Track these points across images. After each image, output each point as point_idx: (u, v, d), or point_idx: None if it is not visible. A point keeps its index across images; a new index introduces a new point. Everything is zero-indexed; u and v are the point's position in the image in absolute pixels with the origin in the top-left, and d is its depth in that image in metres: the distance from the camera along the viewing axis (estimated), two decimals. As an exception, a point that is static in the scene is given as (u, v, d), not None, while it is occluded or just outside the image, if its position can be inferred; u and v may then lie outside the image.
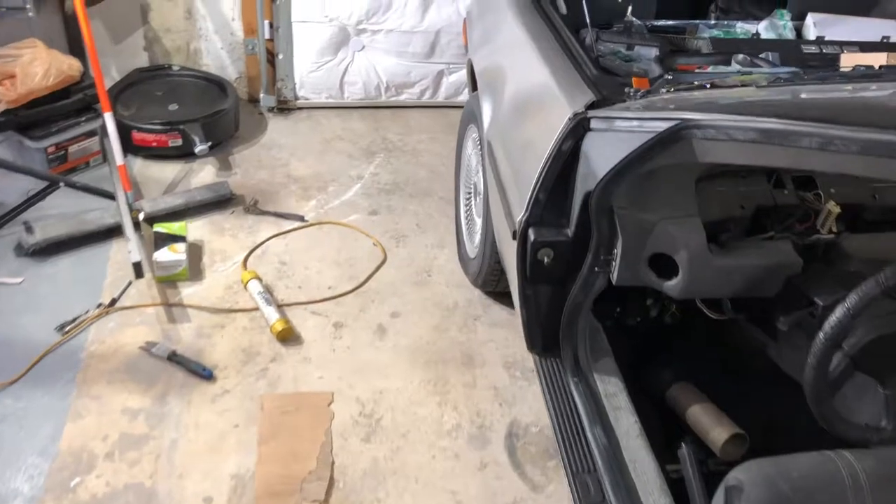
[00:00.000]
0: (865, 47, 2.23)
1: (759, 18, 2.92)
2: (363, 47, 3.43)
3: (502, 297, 2.57)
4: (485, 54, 2.45)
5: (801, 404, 1.35)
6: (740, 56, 2.09)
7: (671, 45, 2.67)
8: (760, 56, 2.11)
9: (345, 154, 3.40)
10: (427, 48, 3.47)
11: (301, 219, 2.90)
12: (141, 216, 2.64)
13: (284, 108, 3.60)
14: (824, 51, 2.24)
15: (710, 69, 2.02)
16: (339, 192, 3.12)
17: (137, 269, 2.27)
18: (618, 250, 1.57)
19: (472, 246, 2.61)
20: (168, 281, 2.50)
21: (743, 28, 2.93)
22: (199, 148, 2.95)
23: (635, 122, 1.50)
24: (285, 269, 2.66)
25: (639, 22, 2.80)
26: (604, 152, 1.56)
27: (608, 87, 1.70)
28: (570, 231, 1.70)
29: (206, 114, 3.11)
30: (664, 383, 1.86)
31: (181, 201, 2.76)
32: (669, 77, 1.78)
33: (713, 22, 2.98)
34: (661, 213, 1.53)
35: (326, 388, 2.20)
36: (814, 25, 2.80)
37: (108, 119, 2.55)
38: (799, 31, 2.82)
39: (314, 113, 3.66)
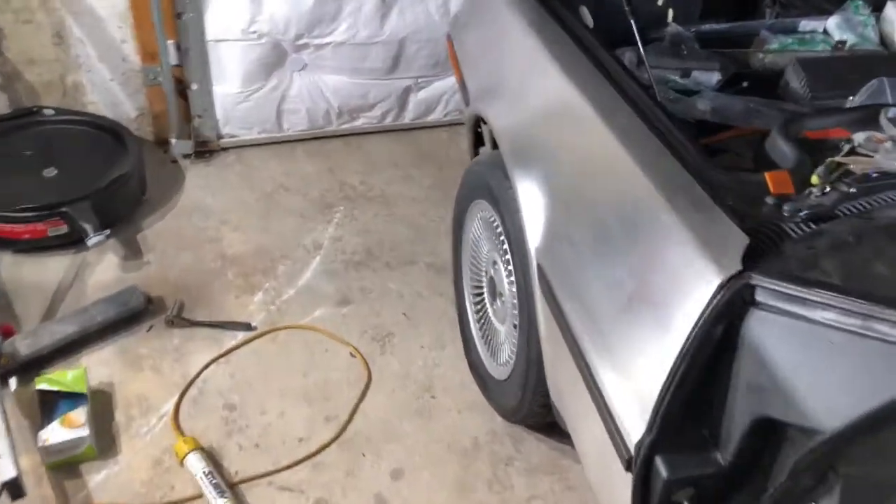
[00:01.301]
0: None
1: (826, 12, 2.32)
2: (304, 66, 2.68)
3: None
4: (508, 105, 1.76)
5: None
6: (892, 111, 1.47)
7: (736, 64, 2.05)
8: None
9: (294, 212, 2.67)
10: (389, 62, 2.75)
11: (247, 327, 2.19)
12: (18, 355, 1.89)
13: (205, 150, 2.83)
14: None
15: (859, 136, 1.39)
16: (294, 275, 2.41)
17: (14, 491, 1.51)
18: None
19: (495, 362, 1.96)
20: (66, 465, 1.77)
21: (809, 27, 2.33)
22: (93, 240, 2.19)
23: (851, 318, 0.88)
24: (235, 417, 1.96)
25: (685, 31, 2.15)
26: (800, 360, 0.94)
27: (739, 196, 1.10)
28: (723, 457, 1.09)
29: (98, 186, 2.32)
30: None
31: (74, 328, 2.01)
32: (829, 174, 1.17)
33: (769, 21, 2.36)
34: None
35: None
36: (901, 19, 2.20)
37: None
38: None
39: (245, 154, 2.89)
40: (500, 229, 1.80)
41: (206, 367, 2.07)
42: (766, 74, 2.03)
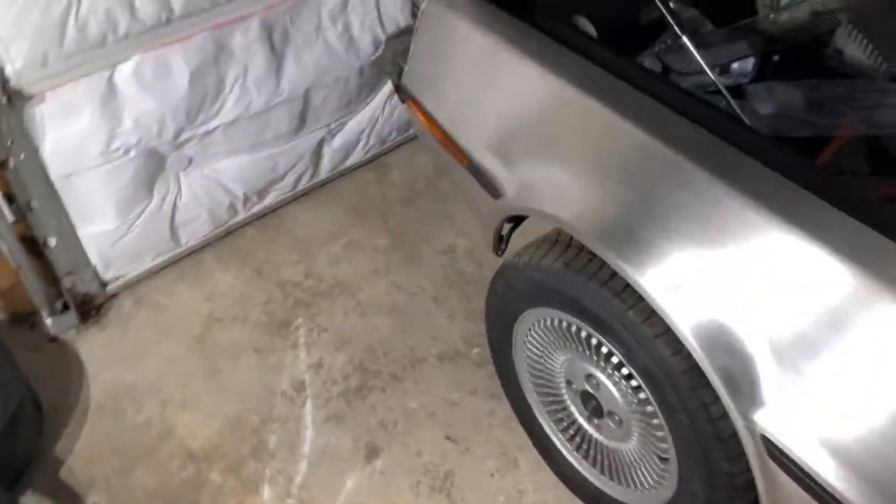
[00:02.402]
0: None
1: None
2: (190, 162, 2.04)
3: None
4: (573, 183, 1.31)
5: None
6: None
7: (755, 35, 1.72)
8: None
9: (244, 350, 2.09)
10: (295, 121, 2.17)
11: (277, 548, 1.67)
12: None
13: (90, 308, 2.14)
14: None
15: None
16: (293, 441, 1.89)
17: None
18: None
19: (619, 485, 1.60)
20: None
21: None
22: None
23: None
24: None
25: (686, 12, 1.78)
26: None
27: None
28: None
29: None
30: None
31: None
32: None
33: None
34: None
35: None
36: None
37: None
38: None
39: (145, 292, 2.23)
40: (592, 340, 1.41)
41: None
42: (791, 38, 1.72)
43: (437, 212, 2.47)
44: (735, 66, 1.60)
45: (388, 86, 2.34)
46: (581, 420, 1.61)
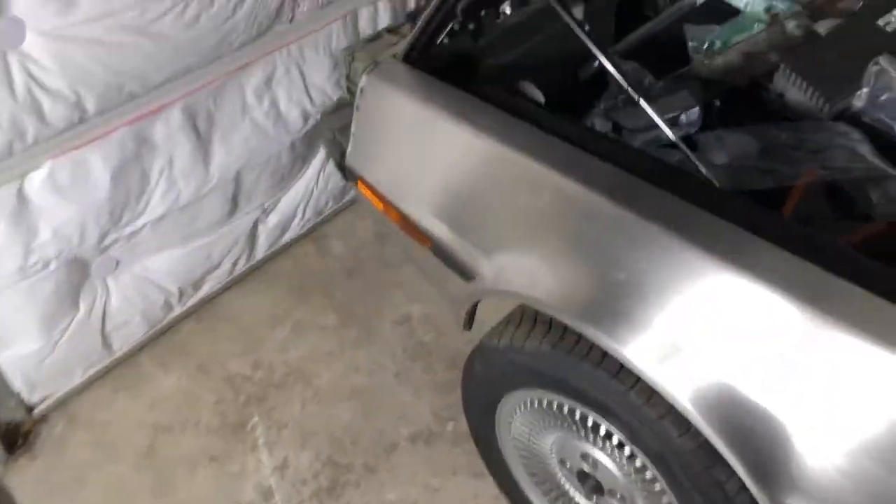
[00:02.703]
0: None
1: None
2: (117, 265, 1.89)
3: None
4: (544, 266, 1.25)
5: None
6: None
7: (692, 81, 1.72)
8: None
9: (199, 459, 1.93)
10: (227, 205, 2.04)
11: None
12: None
13: (16, 438, 1.93)
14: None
15: None
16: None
17: None
18: None
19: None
20: None
21: None
22: None
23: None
24: None
25: (626, 64, 1.75)
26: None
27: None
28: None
29: None
30: None
31: None
32: None
33: (675, 8, 2.05)
34: None
35: None
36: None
37: None
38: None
39: (78, 409, 2.03)
40: (588, 420, 1.34)
41: None
42: (728, 82, 1.72)
43: (385, 279, 2.37)
44: (682, 117, 1.58)
45: (321, 156, 2.24)
46: (579, 499, 1.53)
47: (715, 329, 1.07)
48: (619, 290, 1.12)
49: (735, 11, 1.98)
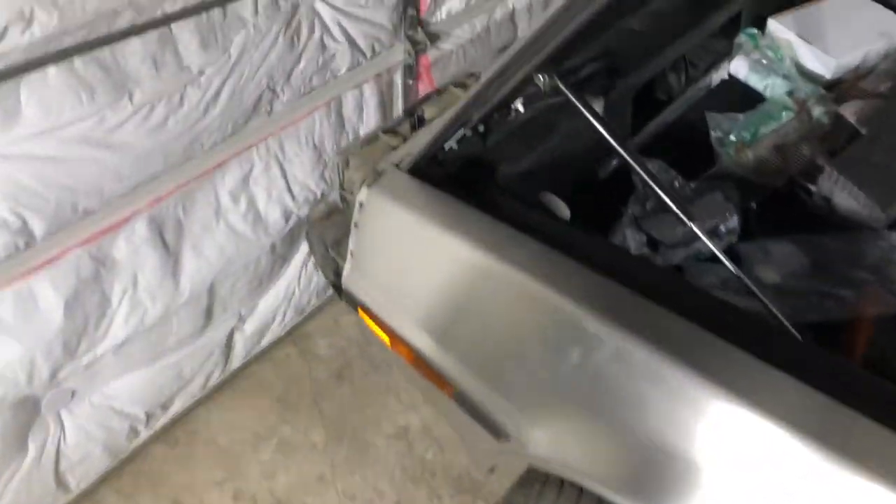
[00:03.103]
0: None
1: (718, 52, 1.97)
2: (73, 395, 1.64)
3: None
4: (583, 432, 1.04)
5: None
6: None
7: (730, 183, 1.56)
8: None
9: None
10: (200, 319, 1.81)
11: None
12: None
13: None
14: None
15: None
16: None
17: None
18: None
19: None
20: None
21: (717, 79, 1.95)
22: None
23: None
24: None
25: (651, 164, 1.59)
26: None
27: None
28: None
29: None
30: None
31: None
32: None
33: (690, 94, 1.92)
34: None
35: None
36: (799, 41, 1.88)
37: None
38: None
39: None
40: None
41: None
42: (765, 182, 1.57)
43: (377, 385, 2.14)
44: (721, 227, 1.41)
45: (303, 252, 2.03)
46: None
47: None
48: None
49: (752, 92, 1.85)
